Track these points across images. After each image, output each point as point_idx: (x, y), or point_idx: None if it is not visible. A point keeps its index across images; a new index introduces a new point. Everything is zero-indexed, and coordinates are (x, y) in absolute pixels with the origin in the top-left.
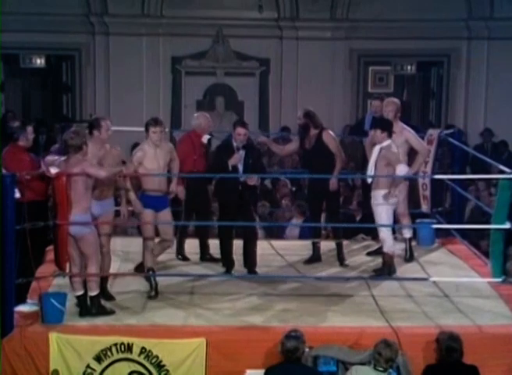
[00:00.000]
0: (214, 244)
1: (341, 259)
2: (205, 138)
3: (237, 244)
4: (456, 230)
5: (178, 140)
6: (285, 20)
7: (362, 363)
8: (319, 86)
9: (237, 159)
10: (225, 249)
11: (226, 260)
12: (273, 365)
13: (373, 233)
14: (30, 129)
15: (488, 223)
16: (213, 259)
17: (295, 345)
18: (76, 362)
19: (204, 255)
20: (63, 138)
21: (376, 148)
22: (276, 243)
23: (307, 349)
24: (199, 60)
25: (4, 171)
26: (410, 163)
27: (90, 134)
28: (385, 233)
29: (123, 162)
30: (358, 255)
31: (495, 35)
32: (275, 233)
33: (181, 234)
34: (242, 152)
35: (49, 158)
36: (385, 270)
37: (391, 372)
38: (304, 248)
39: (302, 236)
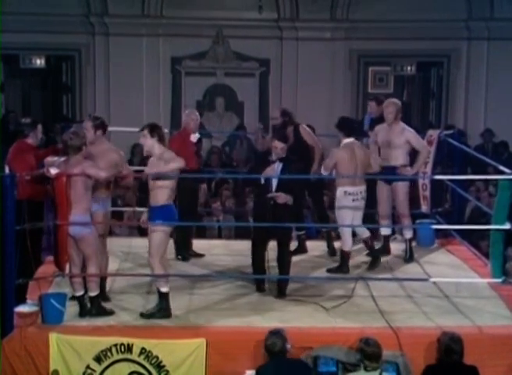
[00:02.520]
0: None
1: (331, 251)
2: (194, 137)
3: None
4: (456, 230)
5: (169, 139)
6: (285, 21)
7: (357, 365)
8: (319, 86)
9: (270, 172)
10: (256, 259)
11: (256, 270)
12: (262, 364)
13: (373, 234)
14: (40, 127)
15: (488, 223)
16: (197, 255)
17: (273, 341)
18: (75, 363)
19: (188, 254)
20: (63, 139)
21: None
22: (275, 243)
23: (288, 345)
24: (199, 60)
25: (7, 169)
26: (411, 163)
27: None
28: (346, 233)
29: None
30: (358, 255)
31: (495, 35)
32: None
33: (180, 234)
34: (278, 165)
35: (49, 158)
36: (344, 268)
37: (383, 369)
38: None
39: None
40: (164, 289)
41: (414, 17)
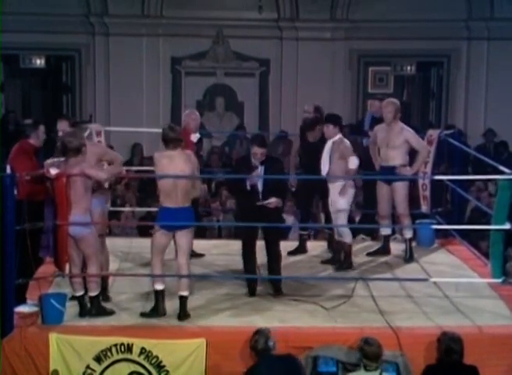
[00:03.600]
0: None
1: (332, 248)
2: (194, 137)
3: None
4: (456, 230)
5: None
6: (285, 21)
7: (357, 365)
8: (319, 86)
9: (254, 180)
10: (248, 262)
11: (247, 271)
12: (251, 365)
13: (373, 234)
14: (42, 128)
15: (488, 223)
16: (197, 255)
17: (255, 339)
18: (75, 363)
19: None
20: (62, 140)
21: (328, 143)
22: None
23: (271, 342)
24: (199, 60)
25: (8, 168)
26: (410, 163)
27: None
28: (345, 228)
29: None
30: (358, 255)
31: (495, 35)
32: None
33: None
34: (261, 169)
35: (49, 160)
36: (348, 263)
37: (383, 369)
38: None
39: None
40: (156, 286)
41: (414, 17)
